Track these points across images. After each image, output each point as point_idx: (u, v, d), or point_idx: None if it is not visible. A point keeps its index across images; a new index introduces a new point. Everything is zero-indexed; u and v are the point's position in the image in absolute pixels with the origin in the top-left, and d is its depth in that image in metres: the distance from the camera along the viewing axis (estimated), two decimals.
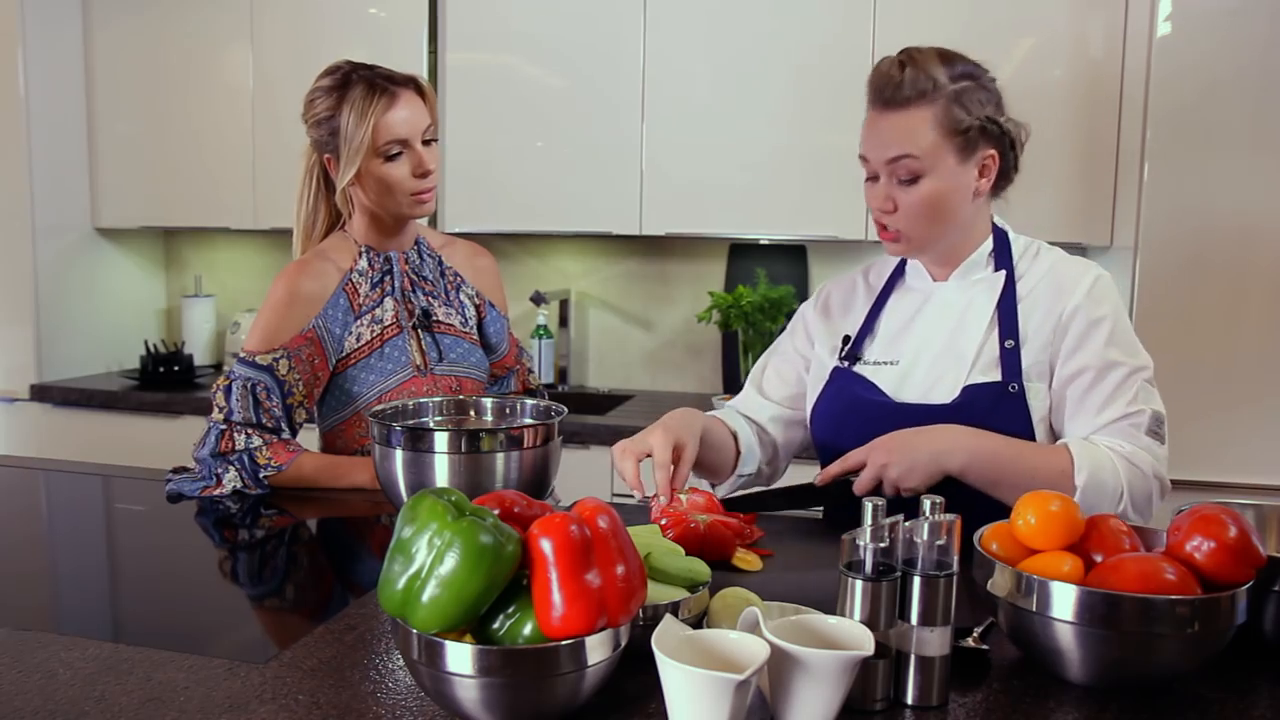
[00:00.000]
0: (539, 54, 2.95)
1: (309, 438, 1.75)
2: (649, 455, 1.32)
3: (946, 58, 1.37)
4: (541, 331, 3.22)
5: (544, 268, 3.36)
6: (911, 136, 1.34)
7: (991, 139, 1.38)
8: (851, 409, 1.46)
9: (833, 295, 1.61)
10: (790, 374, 1.60)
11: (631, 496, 2.63)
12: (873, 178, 1.41)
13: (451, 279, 1.82)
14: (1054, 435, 1.41)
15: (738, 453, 1.54)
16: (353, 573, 1.36)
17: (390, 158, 1.63)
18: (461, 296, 1.82)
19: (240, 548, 1.46)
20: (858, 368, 1.49)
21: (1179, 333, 2.39)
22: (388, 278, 1.73)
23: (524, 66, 2.96)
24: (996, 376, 1.37)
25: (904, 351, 1.46)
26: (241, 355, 1.64)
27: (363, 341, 1.69)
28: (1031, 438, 1.37)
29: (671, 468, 1.30)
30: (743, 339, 2.94)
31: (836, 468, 1.36)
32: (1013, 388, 1.36)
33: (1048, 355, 1.38)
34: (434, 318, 1.75)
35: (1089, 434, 1.35)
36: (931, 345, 1.44)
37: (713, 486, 1.56)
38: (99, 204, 3.36)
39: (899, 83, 1.34)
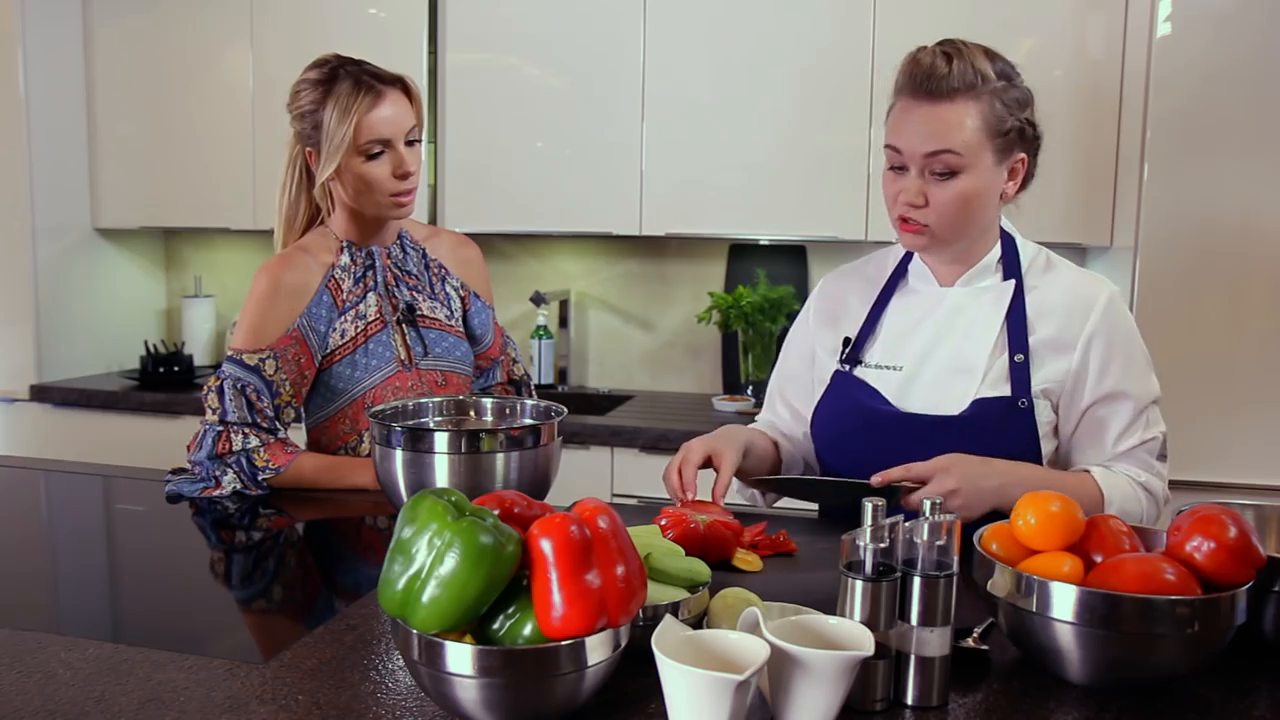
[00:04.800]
0: (539, 54, 2.95)
1: (298, 435, 1.75)
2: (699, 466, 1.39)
3: (990, 54, 1.34)
4: (541, 332, 3.22)
5: (544, 268, 3.36)
6: (957, 130, 1.30)
7: (1025, 141, 1.36)
8: (856, 415, 1.44)
9: (831, 298, 1.57)
10: (807, 386, 1.57)
11: (633, 497, 2.64)
12: (898, 168, 1.35)
13: (436, 271, 1.81)
14: (1059, 452, 1.42)
15: (779, 462, 1.55)
16: (352, 573, 1.36)
17: (371, 156, 1.63)
18: (447, 289, 1.82)
19: (240, 548, 1.46)
20: (858, 371, 1.46)
21: (1179, 333, 2.39)
22: (370, 273, 1.73)
23: (524, 66, 2.96)
24: (1006, 391, 1.36)
25: (907, 357, 1.43)
26: (230, 354, 1.64)
27: (347, 338, 1.69)
28: (1038, 453, 1.36)
29: (696, 466, 1.36)
30: (743, 339, 2.94)
31: (899, 474, 1.28)
32: (1022, 403, 1.35)
33: (1060, 376, 1.36)
34: (418, 312, 1.75)
35: (1104, 460, 1.36)
36: (937, 353, 1.41)
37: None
38: (99, 204, 3.35)
39: (946, 74, 1.29)
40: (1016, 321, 1.38)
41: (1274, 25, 2.30)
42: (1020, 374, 1.36)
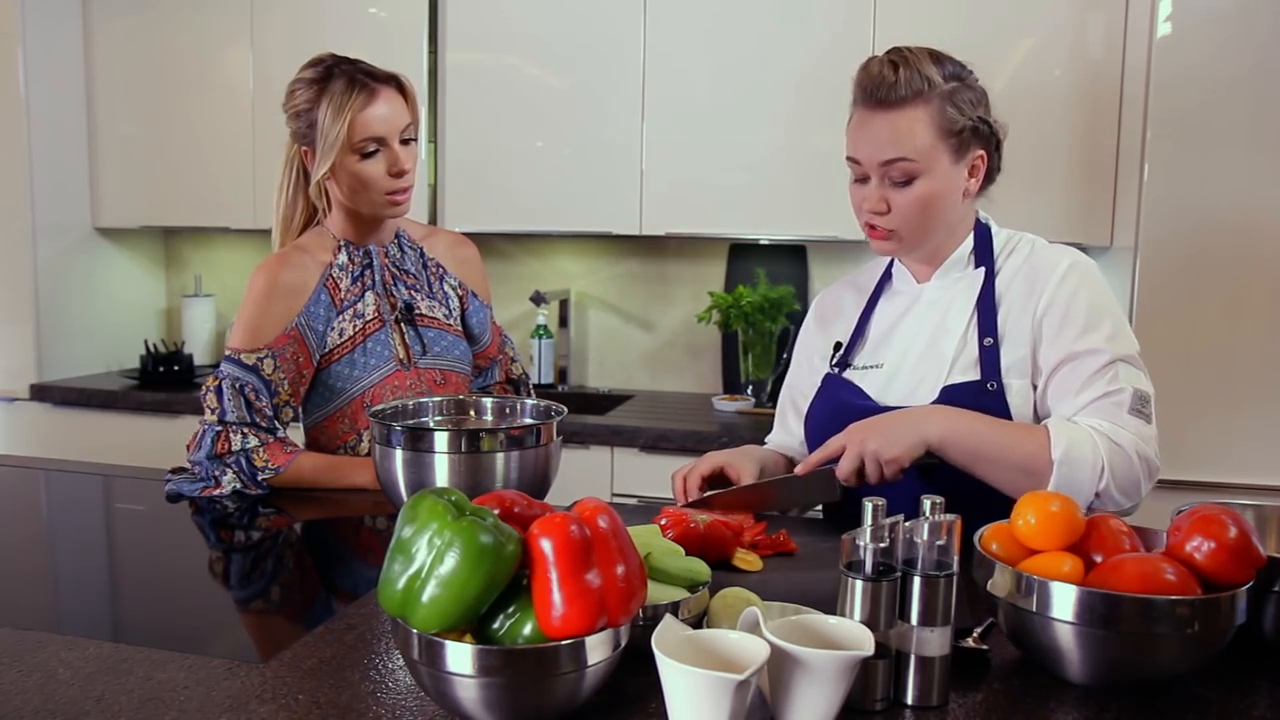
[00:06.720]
0: (539, 54, 2.95)
1: (296, 435, 1.74)
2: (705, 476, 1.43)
3: (937, 57, 1.37)
4: (541, 331, 3.22)
5: (544, 268, 3.36)
6: (908, 138, 1.33)
7: (981, 139, 1.38)
8: (839, 414, 1.45)
9: (826, 305, 1.63)
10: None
11: (633, 497, 2.64)
12: (862, 179, 1.39)
13: (434, 270, 1.81)
14: None
15: None
16: (352, 573, 1.36)
17: (366, 155, 1.62)
18: (445, 288, 1.82)
19: (239, 548, 1.46)
20: (847, 373, 1.50)
21: (1179, 333, 2.39)
22: (368, 272, 1.73)
23: (524, 66, 2.96)
24: (975, 375, 1.37)
25: (889, 355, 1.47)
26: (228, 353, 1.64)
27: (345, 337, 1.69)
28: None
29: (703, 474, 1.41)
30: (743, 339, 2.93)
31: (818, 455, 1.34)
32: (991, 386, 1.36)
33: (1028, 352, 1.37)
34: (416, 311, 1.75)
35: (1070, 415, 1.34)
36: (915, 347, 1.44)
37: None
38: (99, 204, 3.35)
39: (893, 83, 1.33)
40: (986, 306, 1.40)
41: (1274, 25, 2.30)
42: (990, 357, 1.37)
